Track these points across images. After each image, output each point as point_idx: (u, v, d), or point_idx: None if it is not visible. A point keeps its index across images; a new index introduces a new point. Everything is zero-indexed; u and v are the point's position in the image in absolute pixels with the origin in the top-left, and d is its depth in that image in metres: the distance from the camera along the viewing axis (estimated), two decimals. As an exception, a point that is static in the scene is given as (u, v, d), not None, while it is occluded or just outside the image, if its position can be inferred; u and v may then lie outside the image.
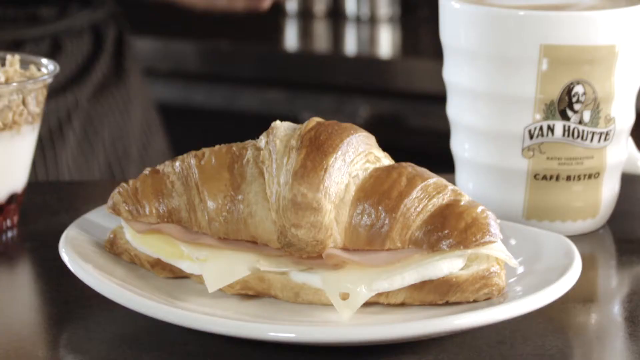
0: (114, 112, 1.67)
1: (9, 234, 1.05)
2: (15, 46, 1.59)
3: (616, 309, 0.95)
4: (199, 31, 2.27)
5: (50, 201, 1.13)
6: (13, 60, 1.05)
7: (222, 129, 1.04)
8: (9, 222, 1.04)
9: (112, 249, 0.93)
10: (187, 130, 1.75)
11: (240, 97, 2.19)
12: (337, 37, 2.34)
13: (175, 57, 2.20)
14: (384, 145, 0.94)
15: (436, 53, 1.10)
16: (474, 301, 0.86)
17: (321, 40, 2.33)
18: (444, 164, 1.06)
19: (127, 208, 0.91)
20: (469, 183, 1.05)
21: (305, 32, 2.35)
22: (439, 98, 1.08)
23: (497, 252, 0.86)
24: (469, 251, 0.86)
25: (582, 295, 0.93)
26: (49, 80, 1.04)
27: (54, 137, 1.52)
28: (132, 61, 1.77)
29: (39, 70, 1.06)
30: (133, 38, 1.77)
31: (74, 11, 1.64)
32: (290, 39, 2.35)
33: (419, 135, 1.79)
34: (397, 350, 0.83)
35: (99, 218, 0.97)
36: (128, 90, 1.72)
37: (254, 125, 1.08)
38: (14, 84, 1.01)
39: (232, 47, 2.21)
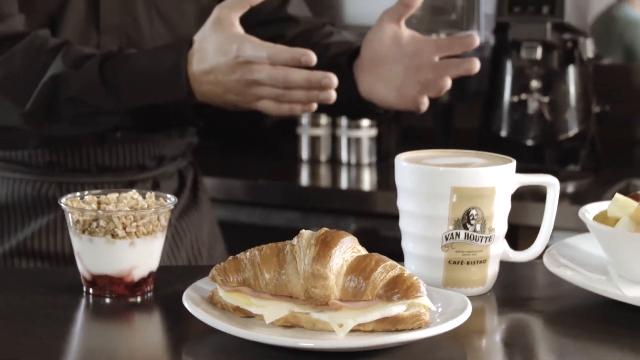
0: (192, 228, 1.71)
1: (149, 294, 1.11)
2: (129, 185, 1.61)
3: (497, 336, 1.03)
4: (244, 173, 2.27)
5: (167, 277, 1.16)
6: (150, 194, 1.13)
7: (259, 238, 1.15)
8: (149, 288, 1.11)
9: (211, 301, 1.00)
10: (237, 239, 1.77)
11: (271, 217, 2.22)
12: (335, 176, 2.37)
13: (229, 190, 2.20)
14: (365, 245, 1.02)
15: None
16: (412, 329, 0.94)
17: (324, 178, 2.36)
18: (398, 256, 1.10)
19: (220, 278, 0.99)
20: (412, 265, 1.11)
21: (313, 173, 2.38)
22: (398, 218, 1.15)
23: (424, 301, 0.96)
24: (409, 301, 0.95)
25: (474, 328, 1.02)
26: (172, 207, 1.11)
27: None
28: (203, 193, 1.77)
29: (165, 200, 1.12)
30: (203, 178, 1.82)
31: (167, 162, 1.68)
32: (303, 177, 2.37)
33: (386, 241, 1.84)
34: (370, 355, 0.93)
35: (204, 284, 1.04)
36: (200, 213, 1.75)
37: (279, 236, 1.10)
38: (152, 209, 1.09)
39: (266, 184, 2.22)
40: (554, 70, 2.26)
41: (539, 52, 2.22)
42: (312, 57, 1.33)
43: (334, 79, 1.33)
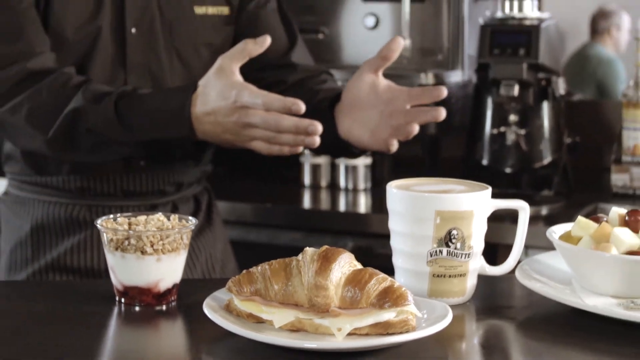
0: (207, 246, 1.74)
1: (173, 303, 1.12)
2: (151, 208, 1.64)
3: (475, 340, 1.05)
4: (252, 197, 2.27)
5: (187, 288, 1.16)
6: (174, 217, 1.14)
7: (266, 256, 1.13)
8: (173, 298, 1.12)
9: (228, 309, 1.02)
10: (246, 256, 1.70)
11: (277, 236, 2.21)
12: (334, 200, 2.35)
13: (239, 213, 2.20)
14: (360, 261, 1.03)
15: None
16: (401, 332, 0.96)
17: (324, 202, 2.35)
18: (390, 270, 1.10)
19: (235, 289, 1.01)
20: (401, 278, 1.12)
21: (315, 197, 2.37)
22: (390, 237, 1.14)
23: (412, 309, 0.97)
24: (398, 309, 0.96)
25: (455, 332, 1.03)
26: (193, 227, 1.13)
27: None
28: (216, 215, 1.80)
29: (187, 222, 1.13)
30: (217, 202, 1.83)
31: (184, 188, 1.72)
32: (306, 201, 2.36)
33: (379, 257, 1.67)
34: (364, 355, 0.95)
35: (221, 294, 1.04)
36: (214, 233, 1.77)
37: (285, 254, 1.08)
38: (176, 229, 1.11)
39: (272, 207, 2.23)
40: (529, 105, 2.26)
41: (516, 90, 2.22)
42: (301, 107, 1.38)
43: (318, 127, 1.38)
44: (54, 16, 1.56)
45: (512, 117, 2.26)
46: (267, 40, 1.41)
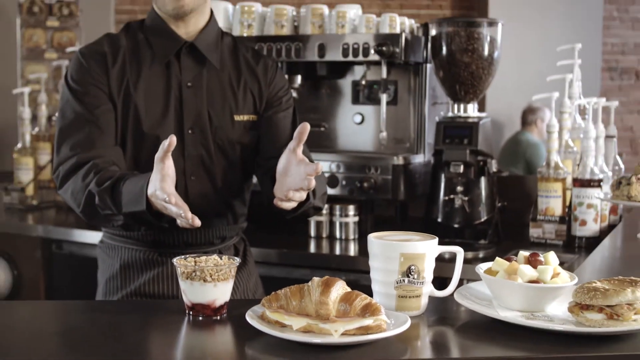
0: (243, 280, 1.76)
1: (224, 315, 1.16)
2: (204, 254, 1.56)
3: (427, 339, 1.09)
4: (275, 245, 2.28)
5: (234, 305, 1.18)
6: (225, 257, 1.20)
7: (284, 286, 1.13)
8: (225, 311, 1.16)
9: (262, 317, 1.08)
10: (270, 286, 1.65)
11: (292, 272, 2.23)
12: (331, 246, 2.34)
13: (266, 256, 2.23)
14: (350, 288, 1.07)
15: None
16: (376, 333, 1.02)
17: (325, 248, 2.33)
18: (370, 293, 1.12)
19: (267, 304, 1.07)
20: (377, 298, 1.16)
21: (318, 245, 2.36)
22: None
23: (384, 318, 1.04)
24: (375, 317, 1.02)
25: (412, 334, 1.08)
26: (238, 264, 1.17)
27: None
28: (250, 257, 1.82)
29: (234, 260, 1.19)
30: (250, 248, 1.84)
31: (227, 240, 1.75)
32: (312, 247, 2.34)
33: (363, 286, 1.70)
34: (352, 347, 1.01)
35: (257, 308, 1.11)
36: (248, 271, 1.79)
37: (299, 283, 1.10)
38: (227, 265, 1.16)
39: (288, 252, 2.25)
40: (471, 179, 2.26)
41: (461, 168, 2.24)
42: (188, 216, 1.31)
43: (188, 215, 1.32)
44: (135, 115, 1.59)
45: (459, 188, 2.26)
46: (173, 141, 1.32)
